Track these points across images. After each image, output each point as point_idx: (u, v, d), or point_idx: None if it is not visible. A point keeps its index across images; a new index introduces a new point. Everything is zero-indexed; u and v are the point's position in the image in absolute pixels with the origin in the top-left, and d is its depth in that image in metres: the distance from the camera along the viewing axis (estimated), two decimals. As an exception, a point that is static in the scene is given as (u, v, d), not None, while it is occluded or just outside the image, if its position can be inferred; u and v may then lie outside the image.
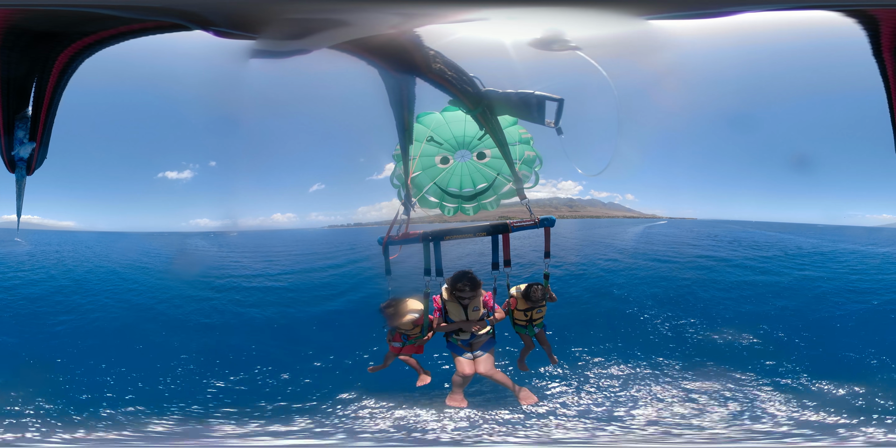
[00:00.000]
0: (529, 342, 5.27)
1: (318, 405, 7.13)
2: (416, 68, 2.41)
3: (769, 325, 10.26)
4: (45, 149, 2.94)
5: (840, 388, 7.20)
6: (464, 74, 2.59)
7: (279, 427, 6.37)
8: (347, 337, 9.41)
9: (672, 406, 6.89)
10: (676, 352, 9.08)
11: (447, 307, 4.55)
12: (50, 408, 6.71)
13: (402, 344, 4.78)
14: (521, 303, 4.79)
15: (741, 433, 6.07)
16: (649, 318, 11.19)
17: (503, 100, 2.98)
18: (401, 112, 2.80)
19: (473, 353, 4.64)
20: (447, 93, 2.63)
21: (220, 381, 7.81)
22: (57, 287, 13.67)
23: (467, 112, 3.04)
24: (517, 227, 4.40)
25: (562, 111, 3.21)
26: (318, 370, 8.26)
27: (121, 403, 6.89)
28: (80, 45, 2.60)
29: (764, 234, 34.35)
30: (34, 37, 2.44)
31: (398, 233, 4.36)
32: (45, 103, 2.73)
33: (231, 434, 6.17)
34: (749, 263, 17.87)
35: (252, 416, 6.78)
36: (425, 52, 2.37)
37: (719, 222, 62.87)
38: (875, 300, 11.80)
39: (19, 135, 2.84)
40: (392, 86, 2.61)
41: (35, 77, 2.62)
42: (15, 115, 2.75)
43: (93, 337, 9.75)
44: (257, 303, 12.40)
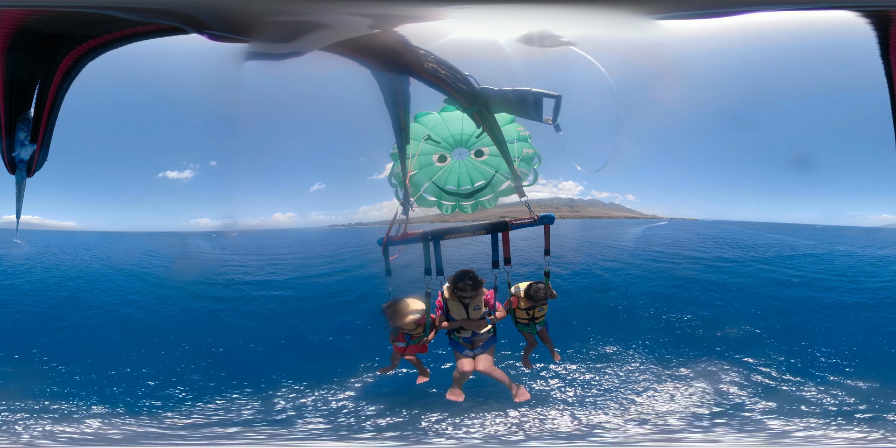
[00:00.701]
0: (532, 340, 5.28)
1: (320, 405, 7.16)
2: (407, 68, 2.42)
3: (765, 323, 10.40)
4: (45, 151, 2.94)
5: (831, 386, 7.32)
6: (458, 73, 2.60)
7: (279, 429, 6.40)
8: (357, 341, 9.42)
9: (672, 402, 6.93)
10: (672, 347, 9.17)
11: (448, 306, 4.58)
12: (46, 408, 6.74)
13: (406, 343, 4.81)
14: (522, 301, 4.79)
15: (740, 430, 6.11)
16: (649, 314, 11.32)
17: (500, 97, 2.99)
18: (396, 112, 2.81)
19: (474, 350, 4.68)
20: (442, 92, 2.63)
21: (228, 388, 7.87)
22: (54, 300, 13.35)
23: (463, 111, 3.05)
24: (517, 224, 4.40)
25: (560, 108, 3.22)
26: (320, 373, 8.31)
27: (140, 409, 6.94)
28: (85, 47, 2.60)
29: (763, 234, 34.46)
30: (41, 38, 2.45)
31: (398, 233, 4.37)
32: (47, 105, 2.73)
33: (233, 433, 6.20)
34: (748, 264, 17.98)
35: (259, 418, 6.82)
36: (415, 51, 2.37)
37: (720, 223, 62.91)
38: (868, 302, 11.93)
39: (20, 136, 2.84)
40: (386, 86, 2.62)
41: (39, 79, 2.62)
42: (17, 116, 2.76)
43: (96, 344, 9.71)
44: (268, 315, 12.25)
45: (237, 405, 7.15)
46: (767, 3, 2.85)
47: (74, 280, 15.83)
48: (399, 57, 2.35)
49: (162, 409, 6.96)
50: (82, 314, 11.59)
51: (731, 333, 9.87)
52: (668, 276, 16.17)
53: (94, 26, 2.49)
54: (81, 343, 9.51)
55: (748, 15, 2.87)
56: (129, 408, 6.95)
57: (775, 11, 2.88)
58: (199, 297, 13.39)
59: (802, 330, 9.97)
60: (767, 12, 2.88)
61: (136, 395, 7.34)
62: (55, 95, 2.73)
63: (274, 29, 2.37)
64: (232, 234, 41.41)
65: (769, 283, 14.47)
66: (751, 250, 22.72)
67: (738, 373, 7.98)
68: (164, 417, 6.71)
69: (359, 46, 2.31)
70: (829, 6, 2.80)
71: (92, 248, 28.67)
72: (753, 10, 2.86)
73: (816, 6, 2.84)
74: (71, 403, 7.01)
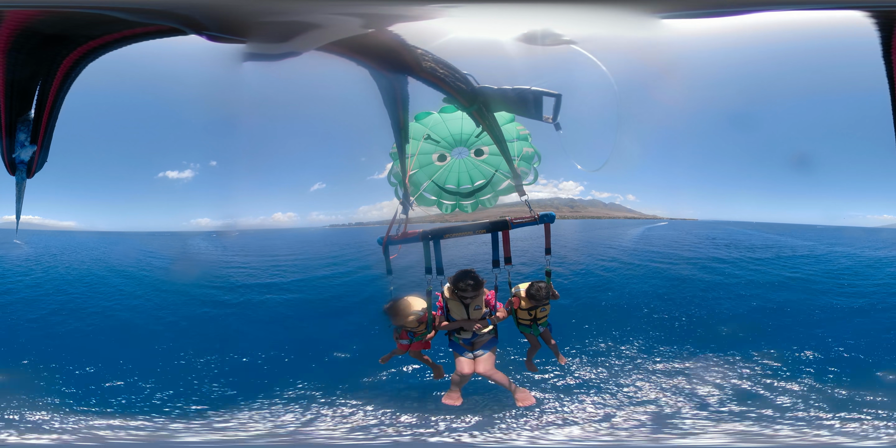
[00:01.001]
0: (535, 342, 5.22)
1: (320, 407, 7.15)
2: (405, 67, 2.41)
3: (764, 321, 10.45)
4: (45, 152, 2.94)
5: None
6: (456, 72, 2.59)
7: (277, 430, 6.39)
8: (363, 343, 9.39)
9: (677, 405, 6.91)
10: (674, 346, 9.19)
11: (449, 306, 4.54)
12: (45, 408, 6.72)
13: (410, 341, 4.80)
14: (524, 302, 4.74)
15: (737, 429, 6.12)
16: (648, 312, 11.35)
17: (499, 96, 2.98)
18: (395, 111, 2.80)
19: (474, 352, 4.61)
20: (441, 91, 2.63)
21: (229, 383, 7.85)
22: (53, 305, 13.09)
23: (462, 110, 3.04)
24: (517, 223, 4.38)
25: (560, 106, 3.21)
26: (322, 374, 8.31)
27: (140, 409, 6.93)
28: (86, 48, 2.60)
29: (761, 235, 34.51)
30: (43, 39, 2.45)
31: (398, 232, 4.36)
32: (47, 106, 2.73)
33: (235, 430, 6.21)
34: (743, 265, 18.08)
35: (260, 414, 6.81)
36: (413, 51, 2.36)
37: (720, 223, 62.88)
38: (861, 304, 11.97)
39: (21, 137, 2.85)
40: (384, 85, 2.61)
41: (40, 80, 2.62)
42: (18, 117, 2.76)
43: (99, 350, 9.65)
44: (273, 318, 12.19)
45: (241, 409, 7.15)
46: (771, 3, 2.84)
47: (73, 284, 15.74)
48: (396, 56, 2.34)
49: (167, 415, 6.94)
50: (82, 321, 11.52)
51: (737, 332, 9.91)
52: (666, 276, 16.25)
53: (94, 27, 2.49)
54: (81, 348, 9.48)
55: (751, 15, 2.86)
56: (132, 414, 6.93)
57: (779, 11, 2.87)
58: (204, 301, 13.36)
59: (797, 331, 9.99)
60: (771, 12, 2.87)
61: (140, 400, 7.33)
62: (55, 96, 2.74)
63: (270, 29, 2.37)
64: (232, 234, 41.29)
65: (762, 283, 14.55)
66: (747, 251, 22.78)
67: (747, 371, 8.00)
68: (169, 423, 6.69)
69: (355, 46, 2.30)
70: (833, 6, 2.79)
71: (92, 248, 28.58)
72: (757, 10, 2.85)
73: (819, 6, 2.83)
74: (75, 409, 7.00)
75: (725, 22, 2.91)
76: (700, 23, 2.95)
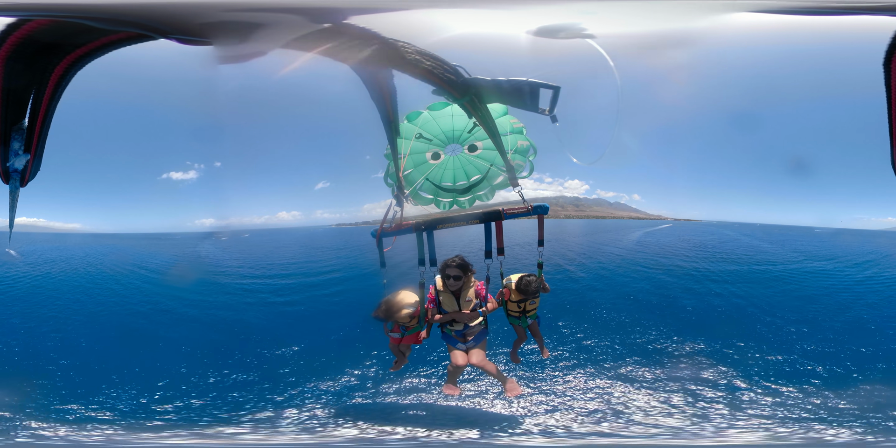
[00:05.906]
0: (522, 334, 5.24)
1: (320, 406, 7.14)
2: (386, 61, 2.36)
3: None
4: (38, 161, 2.95)
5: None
6: (445, 63, 2.53)
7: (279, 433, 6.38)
8: (367, 344, 9.40)
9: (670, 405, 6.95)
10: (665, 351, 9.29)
11: (440, 298, 4.56)
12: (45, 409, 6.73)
13: (402, 334, 4.80)
14: (514, 294, 4.74)
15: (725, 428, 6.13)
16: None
17: (493, 88, 2.92)
18: (383, 105, 2.77)
19: (466, 344, 4.64)
20: (430, 83, 2.57)
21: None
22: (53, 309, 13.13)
23: (454, 101, 2.99)
24: (510, 214, 4.34)
25: (557, 99, 3.16)
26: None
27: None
28: (73, 56, 2.60)
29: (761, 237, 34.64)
30: (38, 48, 2.44)
31: (391, 224, 4.35)
32: (40, 115, 2.74)
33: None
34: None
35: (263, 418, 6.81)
36: (392, 43, 2.31)
37: (724, 224, 62.66)
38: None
39: (15, 146, 2.85)
40: (368, 80, 2.57)
41: (33, 88, 2.62)
42: (12, 126, 2.76)
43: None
44: (278, 319, 12.21)
45: (243, 409, 7.14)
46: (786, 7, 2.77)
47: (73, 291, 15.78)
48: (376, 51, 2.28)
49: (171, 417, 6.94)
50: (82, 326, 11.60)
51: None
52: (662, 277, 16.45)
53: (79, 35, 2.48)
54: (84, 352, 9.52)
55: (775, 17, 2.79)
56: (135, 418, 6.93)
57: (800, 15, 2.80)
58: (206, 303, 13.43)
59: (793, 332, 10.13)
60: (783, 15, 2.80)
61: (144, 404, 7.33)
62: (48, 105, 2.74)
63: (233, 30, 2.32)
64: (243, 235, 41.17)
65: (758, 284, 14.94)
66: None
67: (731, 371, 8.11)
68: (172, 427, 6.69)
69: (323, 43, 2.24)
70: (839, 12, 2.72)
71: (96, 254, 28.36)
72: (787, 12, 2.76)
73: (826, 12, 2.76)
74: (79, 413, 7.01)
75: (744, 23, 2.83)
76: (731, 18, 2.85)
